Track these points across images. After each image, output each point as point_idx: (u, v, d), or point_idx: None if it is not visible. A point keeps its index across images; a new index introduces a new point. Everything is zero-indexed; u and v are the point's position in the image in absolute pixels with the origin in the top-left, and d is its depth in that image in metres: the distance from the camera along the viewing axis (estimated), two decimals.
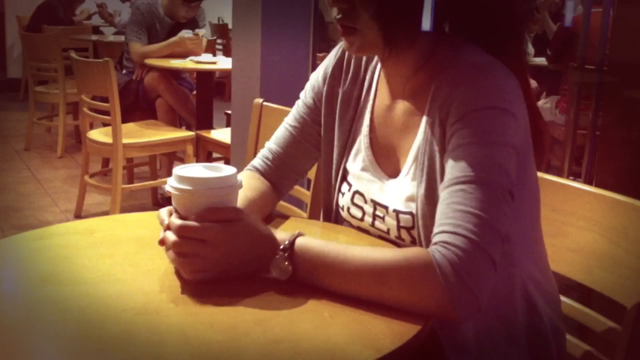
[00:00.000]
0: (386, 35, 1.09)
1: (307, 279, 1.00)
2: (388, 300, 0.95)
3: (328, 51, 1.40)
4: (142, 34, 4.48)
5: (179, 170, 1.06)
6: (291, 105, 2.10)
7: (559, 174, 3.38)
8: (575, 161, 3.35)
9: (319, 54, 2.95)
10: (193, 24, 4.65)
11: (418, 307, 0.94)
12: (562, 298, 1.33)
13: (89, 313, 0.92)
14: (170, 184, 1.04)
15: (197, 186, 1.02)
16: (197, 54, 4.50)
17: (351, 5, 1.08)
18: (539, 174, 1.46)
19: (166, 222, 1.03)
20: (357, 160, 1.27)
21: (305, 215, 1.98)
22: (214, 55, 4.68)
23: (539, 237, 1.24)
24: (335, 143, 1.31)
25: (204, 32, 4.71)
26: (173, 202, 1.05)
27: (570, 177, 3.21)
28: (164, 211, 1.08)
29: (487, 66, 1.07)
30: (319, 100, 1.34)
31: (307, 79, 1.39)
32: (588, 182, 3.12)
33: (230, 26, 8.49)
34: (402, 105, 1.20)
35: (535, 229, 1.22)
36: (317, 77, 1.36)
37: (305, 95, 1.38)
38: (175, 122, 4.52)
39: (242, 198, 1.18)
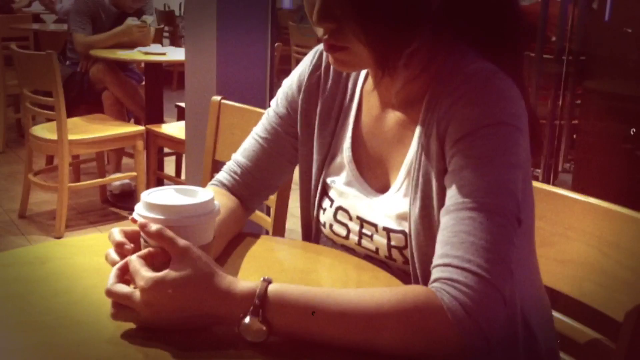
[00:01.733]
0: (378, 52, 0.97)
1: (289, 334, 0.85)
2: (388, 347, 0.84)
3: (280, 40, 1.28)
4: (86, 23, 4.29)
5: (148, 196, 0.93)
6: (250, 101, 1.99)
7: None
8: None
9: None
10: (139, 13, 4.47)
11: (423, 353, 0.83)
12: (554, 313, 1.27)
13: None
14: (138, 212, 0.92)
15: (170, 215, 0.90)
16: (145, 44, 4.34)
17: (338, 25, 0.97)
18: None
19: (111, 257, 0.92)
20: (341, 175, 1.17)
21: (269, 221, 1.87)
22: (162, 44, 4.50)
23: (533, 250, 1.17)
24: (315, 157, 1.21)
25: (152, 20, 4.54)
26: (141, 233, 0.93)
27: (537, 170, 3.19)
28: (116, 233, 0.95)
29: (489, 77, 0.98)
30: (294, 110, 1.23)
31: (265, 71, 1.28)
32: (547, 176, 3.11)
33: (177, 13, 8.29)
34: (392, 116, 1.11)
35: (531, 243, 1.15)
36: (290, 85, 1.25)
37: (277, 105, 1.26)
38: (123, 115, 4.35)
39: None
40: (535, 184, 1.35)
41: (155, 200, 0.92)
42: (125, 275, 0.89)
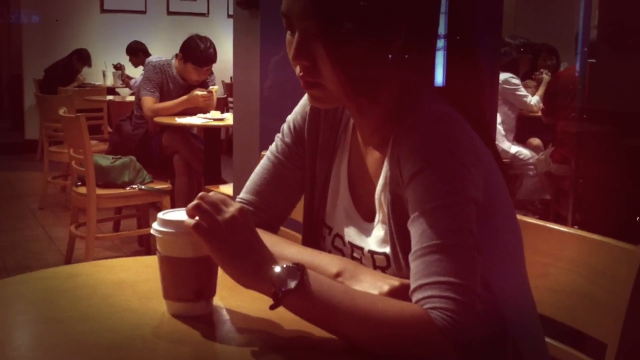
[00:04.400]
0: (347, 89, 1.09)
1: (306, 307, 0.99)
2: (383, 349, 0.97)
3: None
4: (155, 90, 4.62)
5: (163, 214, 1.09)
6: None
7: (565, 223, 3.39)
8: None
9: None
10: (204, 85, 4.78)
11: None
12: (548, 339, 1.34)
13: (59, 348, 0.95)
14: (155, 227, 1.08)
15: (180, 228, 1.04)
16: (207, 111, 4.60)
17: (312, 63, 1.10)
18: (519, 217, 1.48)
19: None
20: (337, 204, 1.29)
21: None
22: (222, 112, 4.77)
23: (520, 274, 1.24)
24: (316, 186, 1.32)
25: (217, 89, 4.83)
26: (158, 247, 1.08)
27: (575, 226, 3.23)
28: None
29: (440, 116, 1.08)
30: (300, 142, 1.33)
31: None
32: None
33: None
34: (372, 153, 1.22)
35: (521, 274, 1.23)
36: (295, 118, 1.35)
37: (283, 135, 1.36)
38: (193, 177, 4.60)
39: None
40: (529, 219, 1.45)
41: (168, 217, 1.07)
42: None
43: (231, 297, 1.12)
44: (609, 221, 2.81)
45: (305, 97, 1.34)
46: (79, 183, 3.94)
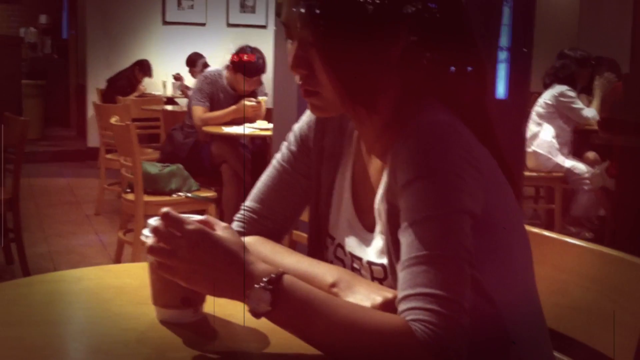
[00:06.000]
0: (344, 98, 1.08)
1: (285, 322, 0.98)
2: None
3: None
4: (205, 99, 4.70)
5: (153, 220, 1.09)
6: None
7: None
8: None
9: None
10: (254, 95, 4.83)
11: None
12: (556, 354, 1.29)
13: (38, 351, 0.95)
14: (145, 234, 1.08)
15: None
16: (254, 121, 4.64)
17: (310, 71, 1.10)
18: (537, 230, 1.43)
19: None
20: (341, 213, 1.28)
21: None
22: (269, 122, 4.80)
23: (533, 296, 1.19)
24: (321, 195, 1.31)
25: (266, 99, 4.87)
26: (147, 252, 1.08)
27: None
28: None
29: (436, 125, 1.05)
30: (306, 150, 1.32)
31: None
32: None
33: None
34: (374, 162, 1.21)
35: (529, 288, 1.19)
36: (301, 127, 1.34)
37: (289, 144, 1.35)
38: (240, 187, 4.63)
39: None
40: (548, 233, 1.40)
41: (157, 223, 1.07)
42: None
43: (228, 303, 1.11)
44: None
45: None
46: (128, 190, 4.02)
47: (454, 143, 1.04)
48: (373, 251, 1.18)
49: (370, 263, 1.17)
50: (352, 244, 1.23)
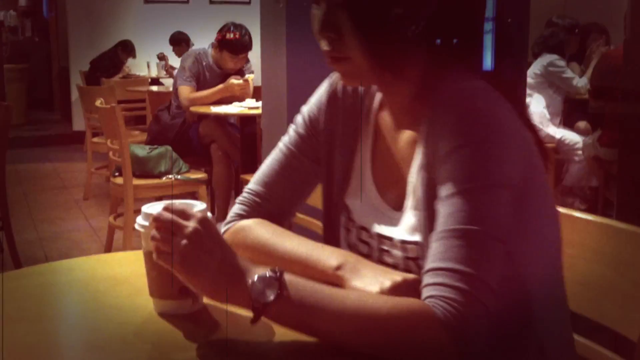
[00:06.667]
0: (375, 62, 1.05)
1: (290, 313, 0.93)
2: (381, 349, 0.91)
3: None
4: (192, 79, 4.62)
5: (147, 208, 1.04)
6: None
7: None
8: None
9: None
10: (240, 73, 4.75)
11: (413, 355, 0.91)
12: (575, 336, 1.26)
13: (34, 348, 0.91)
14: (139, 222, 1.03)
15: None
16: (243, 100, 4.57)
17: (339, 35, 1.06)
18: None
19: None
20: (361, 194, 1.23)
21: None
22: (258, 100, 4.74)
23: (559, 276, 1.16)
24: (335, 178, 1.26)
25: (253, 77, 4.80)
26: (142, 241, 1.03)
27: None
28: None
29: (472, 92, 1.03)
30: (315, 133, 1.28)
31: None
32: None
33: None
34: (404, 136, 1.17)
35: (556, 266, 1.15)
36: (310, 109, 1.29)
37: (297, 126, 1.30)
38: (230, 166, 4.59)
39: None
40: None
41: (151, 211, 1.02)
42: None
43: None
44: None
45: (321, 87, 1.30)
46: (117, 173, 3.95)
47: (499, 110, 1.02)
48: (404, 229, 1.13)
49: (403, 242, 1.12)
50: (378, 225, 1.18)
